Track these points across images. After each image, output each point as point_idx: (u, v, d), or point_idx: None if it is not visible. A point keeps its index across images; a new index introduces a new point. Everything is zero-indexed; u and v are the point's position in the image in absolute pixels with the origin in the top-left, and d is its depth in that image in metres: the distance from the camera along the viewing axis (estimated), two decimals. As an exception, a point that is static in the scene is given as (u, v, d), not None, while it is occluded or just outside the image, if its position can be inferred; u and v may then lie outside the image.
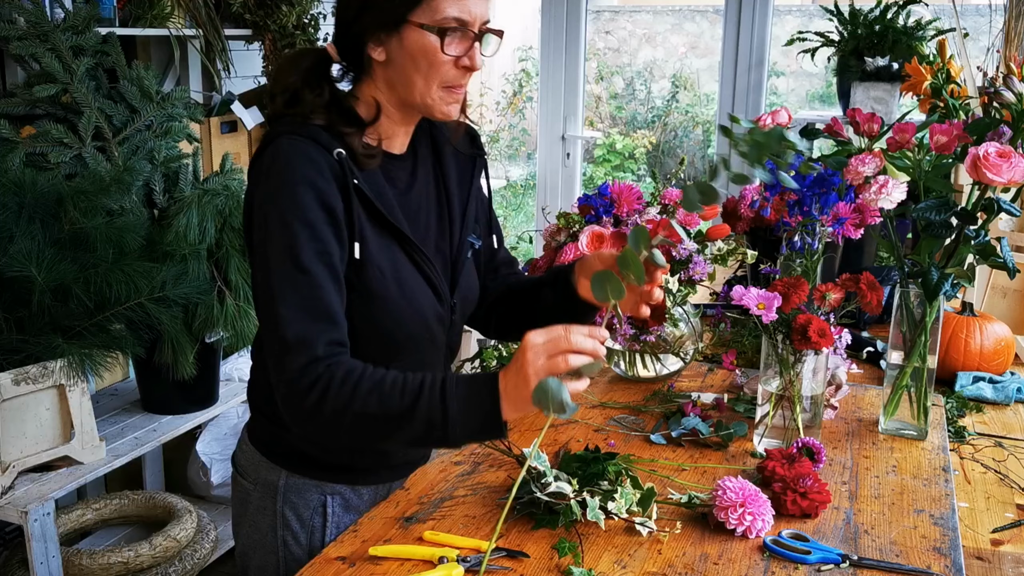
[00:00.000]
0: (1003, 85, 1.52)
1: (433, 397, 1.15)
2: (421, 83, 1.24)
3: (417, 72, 1.23)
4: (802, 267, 1.59)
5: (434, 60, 1.22)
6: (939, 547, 1.29)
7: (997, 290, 2.41)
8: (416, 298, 1.30)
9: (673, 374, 1.91)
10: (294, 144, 1.22)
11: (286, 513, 1.40)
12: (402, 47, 1.22)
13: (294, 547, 1.41)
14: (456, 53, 1.22)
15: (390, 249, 1.28)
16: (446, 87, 1.25)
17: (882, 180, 1.55)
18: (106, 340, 2.23)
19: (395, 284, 1.27)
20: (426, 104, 1.26)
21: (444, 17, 1.20)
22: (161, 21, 3.00)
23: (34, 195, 2.22)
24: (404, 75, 1.24)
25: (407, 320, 1.30)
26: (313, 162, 1.21)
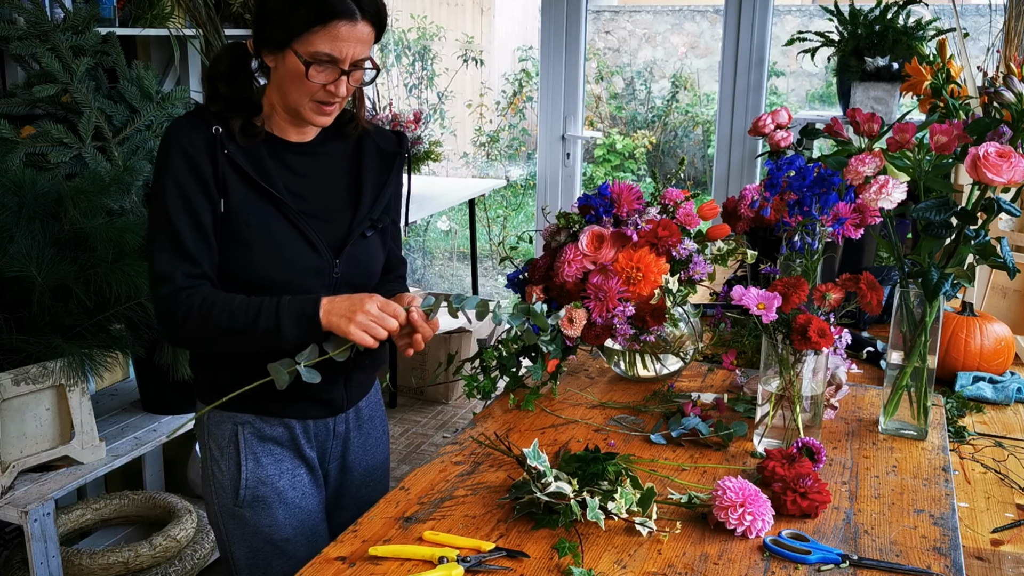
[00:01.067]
0: (1003, 85, 1.52)
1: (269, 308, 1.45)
2: (295, 95, 1.49)
3: (292, 86, 1.48)
4: (802, 267, 1.59)
5: (303, 82, 1.46)
6: (939, 547, 1.29)
7: (997, 290, 2.41)
8: (285, 247, 1.52)
9: (673, 374, 1.91)
10: (181, 122, 1.50)
11: (210, 444, 1.61)
12: (284, 64, 1.47)
13: (219, 475, 1.59)
14: (322, 81, 1.46)
15: (262, 207, 1.51)
16: (316, 102, 1.49)
17: (882, 180, 1.55)
18: (106, 340, 2.23)
19: (262, 234, 1.50)
20: (299, 111, 1.51)
21: (316, 51, 1.43)
22: (161, 21, 3.00)
23: (34, 195, 2.22)
24: (284, 85, 1.49)
25: (275, 265, 1.51)
26: (188, 134, 1.47)
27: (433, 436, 3.91)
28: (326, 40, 1.42)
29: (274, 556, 1.61)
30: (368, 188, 1.62)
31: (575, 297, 1.76)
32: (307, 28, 1.42)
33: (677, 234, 1.72)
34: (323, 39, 1.42)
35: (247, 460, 1.58)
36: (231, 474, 1.58)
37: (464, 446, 1.60)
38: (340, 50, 1.44)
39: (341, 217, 1.60)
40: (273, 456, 1.60)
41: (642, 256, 1.70)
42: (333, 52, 1.44)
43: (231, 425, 1.59)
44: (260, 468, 1.58)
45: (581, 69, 4.24)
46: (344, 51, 1.44)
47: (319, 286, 1.55)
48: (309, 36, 1.42)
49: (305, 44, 1.43)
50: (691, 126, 8.17)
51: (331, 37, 1.42)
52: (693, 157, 7.98)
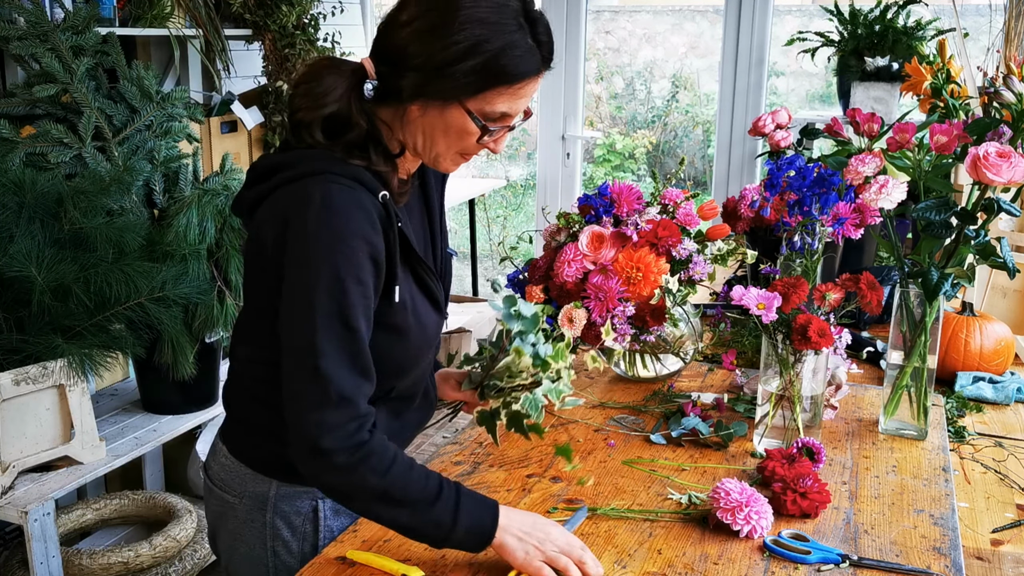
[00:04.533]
0: (1003, 85, 1.52)
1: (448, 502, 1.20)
2: (443, 147, 1.24)
3: (445, 140, 1.23)
4: (802, 267, 1.59)
5: (466, 139, 1.22)
6: (939, 547, 1.29)
7: (997, 290, 2.41)
8: (427, 323, 1.32)
9: (673, 374, 1.91)
10: (343, 191, 1.18)
11: (276, 523, 1.37)
12: (442, 118, 1.21)
13: (285, 556, 1.37)
14: (489, 141, 1.24)
15: (408, 281, 1.28)
16: (462, 154, 1.26)
17: (882, 180, 1.55)
18: (106, 340, 2.23)
19: (413, 315, 1.28)
20: (436, 161, 1.27)
21: (494, 111, 1.20)
22: (161, 21, 3.00)
23: (34, 195, 2.22)
24: (431, 135, 1.23)
25: (420, 345, 1.32)
26: (365, 212, 1.18)
27: (433, 436, 3.91)
28: (508, 100, 1.20)
29: None
30: (437, 212, 1.42)
31: (575, 297, 1.76)
32: (490, 87, 1.18)
33: (677, 234, 1.72)
34: (506, 99, 1.19)
35: (325, 540, 1.37)
36: (303, 555, 1.37)
37: (464, 446, 1.60)
38: (518, 108, 1.22)
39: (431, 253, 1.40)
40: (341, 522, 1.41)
41: (642, 256, 1.70)
42: (511, 111, 1.21)
43: (310, 501, 1.36)
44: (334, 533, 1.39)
45: (581, 69, 4.24)
46: (520, 108, 1.23)
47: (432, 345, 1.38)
48: (488, 95, 1.18)
49: (482, 102, 1.19)
50: (691, 126, 8.17)
51: (515, 97, 1.20)
52: (693, 157, 7.98)
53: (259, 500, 1.36)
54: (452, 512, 1.19)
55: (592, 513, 1.37)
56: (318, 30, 3.34)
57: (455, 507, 1.19)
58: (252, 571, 1.40)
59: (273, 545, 1.37)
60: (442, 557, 1.26)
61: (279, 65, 3.29)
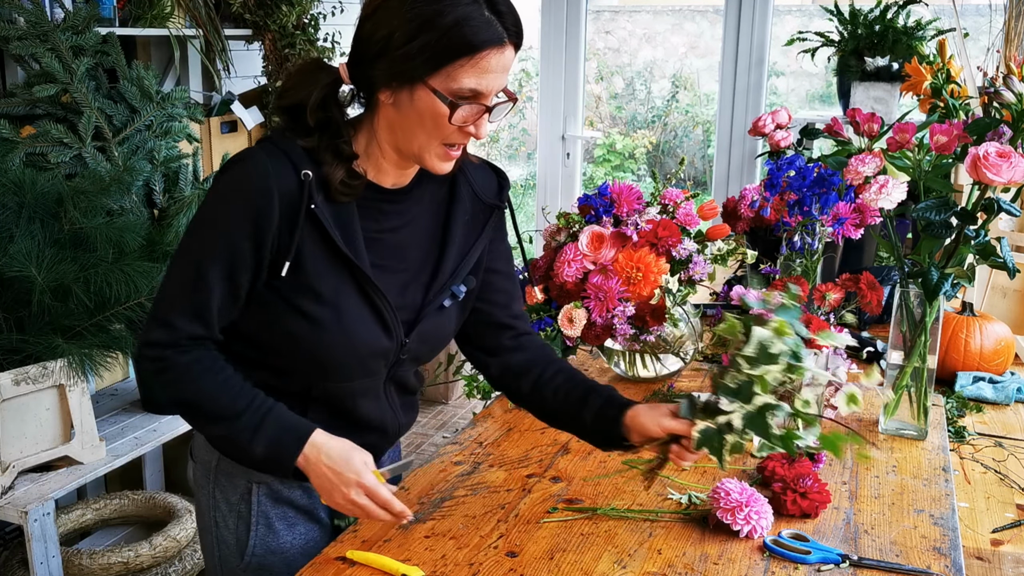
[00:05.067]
0: (1003, 85, 1.52)
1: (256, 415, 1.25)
2: (423, 138, 1.23)
3: (421, 128, 1.22)
4: (802, 267, 1.59)
5: (440, 124, 1.21)
6: (939, 547, 1.29)
7: (997, 290, 2.41)
8: (355, 328, 1.29)
9: (673, 374, 1.91)
10: (260, 157, 1.23)
11: (216, 494, 1.42)
12: (412, 103, 1.21)
13: (224, 530, 1.42)
14: (463, 122, 1.21)
15: (337, 276, 1.27)
16: (446, 145, 1.24)
17: (882, 180, 1.55)
18: (106, 340, 2.23)
19: (332, 310, 1.27)
20: (421, 157, 1.26)
21: (460, 87, 1.18)
22: (161, 21, 3.00)
23: (34, 195, 2.22)
24: (407, 127, 1.23)
25: (338, 345, 1.29)
26: (265, 176, 1.21)
27: (433, 436, 3.91)
28: (473, 73, 1.17)
29: None
30: (453, 249, 1.37)
31: (575, 297, 1.76)
32: (450, 60, 1.16)
33: (677, 234, 1.72)
34: (469, 72, 1.17)
35: (258, 525, 1.40)
36: (238, 534, 1.40)
37: (464, 446, 1.60)
38: (487, 84, 1.19)
39: (417, 282, 1.36)
40: (287, 521, 1.42)
41: (642, 256, 1.70)
42: (479, 87, 1.18)
43: (245, 482, 1.39)
44: (271, 535, 1.40)
45: (581, 69, 4.24)
46: (491, 84, 1.20)
47: (379, 366, 1.35)
48: (451, 69, 1.17)
49: (446, 79, 1.17)
50: (691, 126, 8.17)
51: (480, 70, 1.18)
52: (693, 157, 7.98)
53: (206, 467, 1.43)
54: (255, 426, 1.24)
55: (592, 513, 1.37)
56: (318, 30, 3.34)
57: (260, 419, 1.25)
58: (205, 538, 1.46)
59: (214, 515, 1.43)
60: (442, 557, 1.26)
61: (279, 65, 3.29)
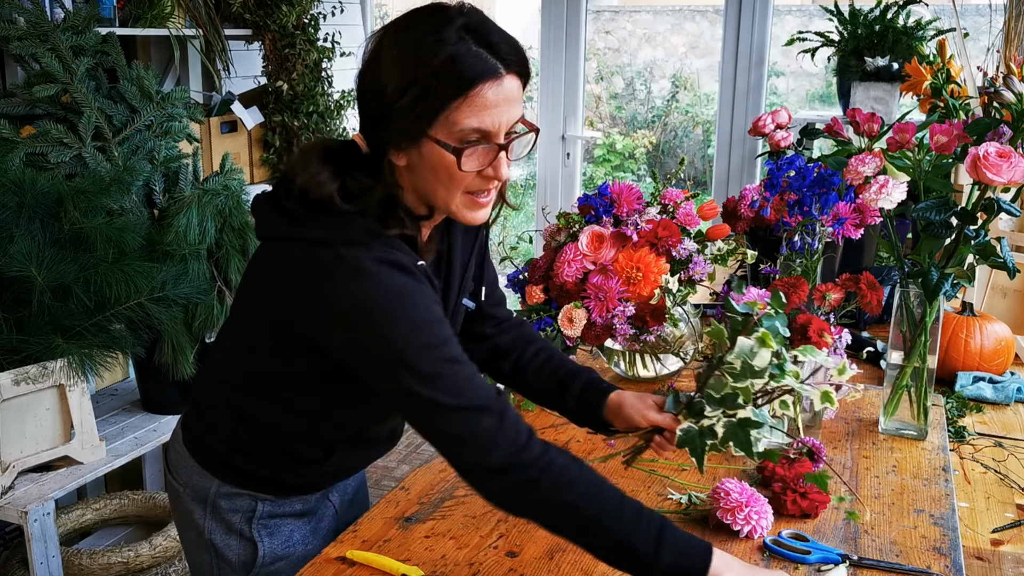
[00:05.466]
0: (1003, 85, 1.52)
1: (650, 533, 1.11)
2: (443, 193, 1.17)
3: (438, 183, 1.16)
4: (802, 267, 1.59)
5: (453, 174, 1.14)
6: (939, 547, 1.29)
7: (997, 290, 2.41)
8: None
9: (673, 374, 1.91)
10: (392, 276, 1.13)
11: (212, 519, 1.37)
12: (421, 159, 1.14)
13: (225, 551, 1.38)
14: (476, 168, 1.14)
15: None
16: (469, 193, 1.17)
17: (882, 180, 1.55)
18: (106, 340, 2.23)
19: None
20: (451, 211, 1.19)
21: (462, 130, 1.11)
22: (161, 21, 3.00)
23: (34, 195, 2.22)
24: (426, 185, 1.17)
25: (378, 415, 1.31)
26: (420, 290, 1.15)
27: (433, 436, 3.90)
28: (471, 113, 1.10)
29: None
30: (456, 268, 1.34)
31: (575, 297, 1.76)
32: (445, 106, 1.10)
33: (677, 234, 1.72)
34: (467, 113, 1.10)
35: (263, 539, 1.37)
36: (242, 554, 1.37)
37: (464, 446, 1.60)
38: (491, 121, 1.12)
39: None
40: (288, 527, 1.39)
41: (642, 256, 1.70)
42: (483, 126, 1.11)
43: (249, 501, 1.36)
44: (276, 543, 1.38)
45: (581, 69, 4.24)
46: (496, 120, 1.12)
47: None
48: (449, 115, 1.10)
49: (446, 127, 1.11)
50: (691, 126, 8.17)
51: (476, 108, 1.10)
52: (693, 157, 7.98)
53: (200, 493, 1.37)
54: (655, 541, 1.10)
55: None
56: (318, 30, 3.34)
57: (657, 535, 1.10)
58: (199, 559, 1.42)
59: (211, 539, 1.38)
60: (442, 557, 1.26)
61: (279, 65, 3.29)
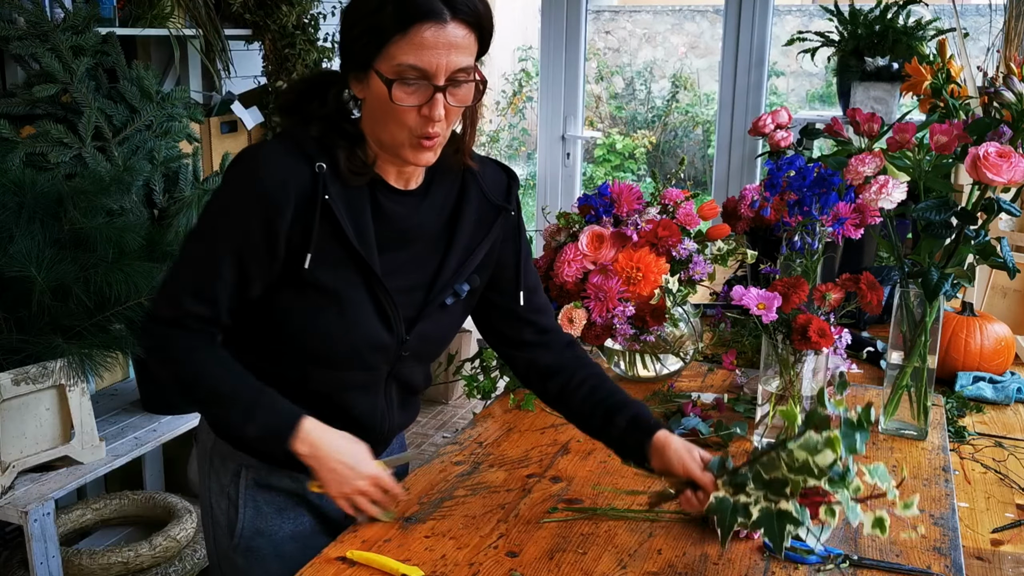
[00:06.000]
0: (1003, 85, 1.52)
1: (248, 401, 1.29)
2: (390, 128, 1.22)
3: (383, 116, 1.22)
4: (802, 267, 1.59)
5: (391, 108, 1.19)
6: (939, 547, 1.29)
7: (997, 290, 2.41)
8: (357, 320, 1.29)
9: (673, 374, 1.91)
10: (275, 148, 1.24)
11: (211, 476, 1.45)
12: (370, 91, 1.21)
13: (217, 511, 1.44)
14: (408, 103, 1.18)
15: (344, 269, 1.27)
16: (413, 135, 1.21)
17: (882, 180, 1.55)
18: (106, 340, 2.23)
19: (336, 301, 1.27)
20: (395, 149, 1.24)
21: (399, 65, 1.16)
22: (161, 21, 2.99)
23: (34, 195, 2.22)
24: (375, 118, 1.24)
25: (338, 335, 1.29)
26: (282, 172, 1.22)
27: (433, 436, 3.91)
28: (409, 50, 1.16)
29: None
30: (458, 248, 1.36)
31: (575, 297, 1.76)
32: (386, 39, 1.16)
33: (677, 234, 1.72)
34: (405, 49, 1.16)
35: (245, 506, 1.41)
36: (229, 515, 1.42)
37: (464, 446, 1.60)
38: (428, 60, 1.16)
39: (421, 280, 1.36)
40: (275, 505, 1.42)
41: (642, 256, 1.70)
42: (419, 63, 1.16)
43: (235, 465, 1.41)
44: (259, 517, 1.41)
45: (581, 69, 4.24)
46: (433, 61, 1.16)
47: (378, 362, 1.35)
48: (389, 49, 1.16)
49: (386, 59, 1.17)
50: (691, 126, 8.17)
51: (414, 46, 1.16)
52: (693, 157, 7.98)
53: (204, 449, 1.47)
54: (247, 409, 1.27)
55: (592, 513, 1.37)
56: (318, 30, 3.34)
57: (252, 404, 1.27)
58: (203, 518, 1.49)
59: (209, 496, 1.46)
60: (442, 558, 1.26)
61: (279, 65, 3.29)
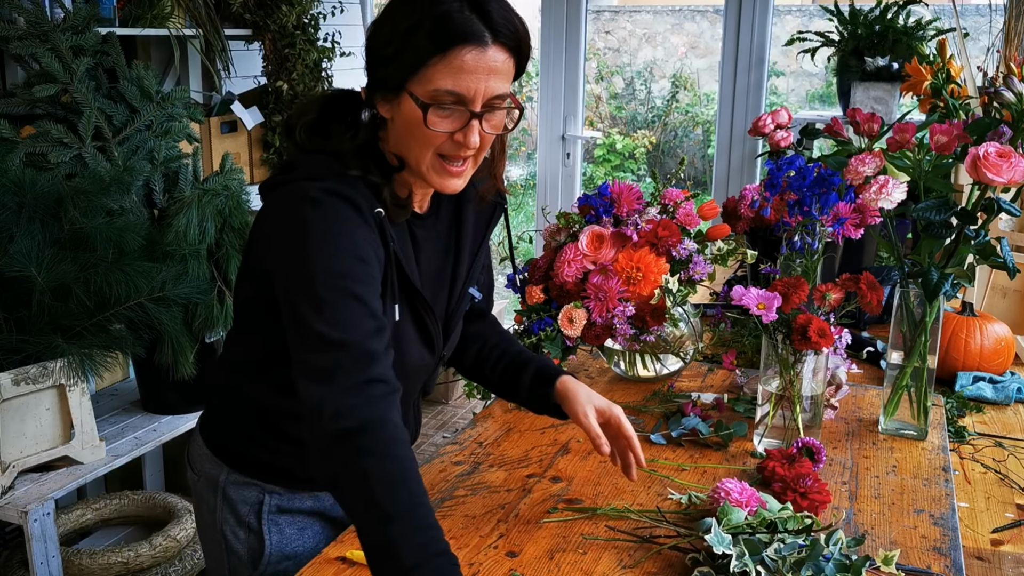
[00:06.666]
0: (1003, 85, 1.52)
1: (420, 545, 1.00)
2: (415, 150, 1.18)
3: (411, 139, 1.18)
4: (802, 267, 1.59)
5: (423, 132, 1.15)
6: (939, 547, 1.29)
7: (997, 290, 2.41)
8: (408, 352, 1.28)
9: (673, 374, 1.91)
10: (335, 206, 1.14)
11: (223, 509, 1.39)
12: (400, 112, 1.17)
13: (234, 542, 1.40)
14: (443, 129, 1.15)
15: (397, 303, 1.24)
16: (441, 158, 1.18)
17: (882, 180, 1.55)
18: (106, 340, 2.23)
19: (393, 339, 1.21)
20: (421, 173, 1.20)
21: (435, 90, 1.12)
22: (161, 21, 2.99)
23: (34, 195, 2.22)
24: (402, 139, 1.19)
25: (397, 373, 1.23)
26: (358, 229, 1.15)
27: (433, 436, 3.91)
28: (447, 74, 1.11)
29: None
30: (467, 254, 1.36)
31: (575, 297, 1.76)
32: (423, 61, 1.12)
33: (677, 234, 1.72)
34: (443, 73, 1.11)
35: (271, 534, 1.38)
36: (251, 546, 1.39)
37: (464, 446, 1.60)
38: (466, 85, 1.12)
39: (442, 296, 1.35)
40: (296, 525, 1.41)
41: (642, 256, 1.70)
42: (457, 88, 1.12)
43: (256, 493, 1.38)
44: (284, 541, 1.39)
45: (581, 69, 4.24)
46: (471, 86, 1.12)
47: (419, 381, 1.36)
48: (426, 71, 1.12)
49: (422, 82, 1.12)
50: (691, 126, 8.17)
51: (453, 69, 1.11)
52: (693, 157, 7.99)
53: (212, 481, 1.39)
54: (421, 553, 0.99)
55: (592, 513, 1.37)
56: (318, 30, 3.34)
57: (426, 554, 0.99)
58: (211, 549, 1.44)
59: (222, 529, 1.40)
60: (442, 557, 1.26)
61: (279, 65, 3.29)
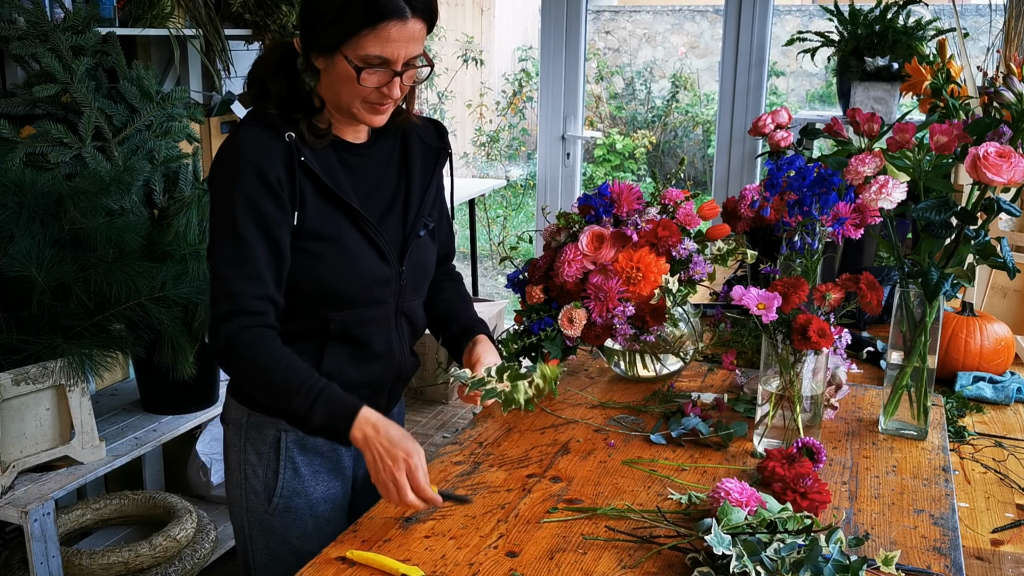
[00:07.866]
0: (1003, 85, 1.52)
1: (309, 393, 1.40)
2: (347, 98, 1.45)
3: (344, 90, 1.44)
4: (802, 267, 1.59)
5: (354, 85, 1.42)
6: (939, 547, 1.29)
7: (997, 290, 2.41)
8: (357, 257, 1.49)
9: (673, 374, 1.91)
10: (247, 130, 1.44)
11: (247, 448, 1.57)
12: (334, 67, 1.42)
13: (253, 479, 1.56)
14: (373, 84, 1.42)
15: (335, 217, 1.48)
16: (368, 103, 1.45)
17: (882, 180, 1.55)
18: (106, 340, 2.23)
19: (334, 245, 1.47)
20: (352, 114, 1.47)
21: (366, 55, 1.39)
22: (161, 21, 2.99)
23: (34, 195, 2.22)
24: (334, 88, 1.45)
25: (347, 278, 1.49)
26: (260, 144, 1.42)
27: (433, 436, 3.91)
28: (376, 43, 1.38)
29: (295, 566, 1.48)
30: (416, 187, 1.60)
31: (575, 297, 1.76)
32: (356, 31, 1.37)
33: (677, 234, 1.72)
34: (373, 42, 1.38)
35: (286, 469, 1.55)
36: (267, 480, 1.55)
37: (464, 446, 1.60)
38: (391, 52, 1.39)
39: (395, 220, 1.57)
40: (312, 467, 1.57)
41: (642, 256, 1.70)
42: (384, 54, 1.39)
43: (274, 431, 1.55)
44: (298, 479, 1.55)
45: (581, 69, 4.24)
46: (396, 52, 1.40)
47: (386, 295, 1.54)
48: (358, 40, 1.38)
49: (355, 48, 1.39)
50: (691, 126, 8.17)
51: (381, 39, 1.38)
52: (693, 157, 7.99)
53: (237, 426, 1.58)
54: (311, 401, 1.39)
55: (592, 513, 1.37)
56: (318, 30, 3.34)
57: (314, 397, 1.39)
58: (233, 492, 1.61)
59: (245, 469, 1.57)
60: (442, 558, 1.26)
61: (279, 65, 3.29)
